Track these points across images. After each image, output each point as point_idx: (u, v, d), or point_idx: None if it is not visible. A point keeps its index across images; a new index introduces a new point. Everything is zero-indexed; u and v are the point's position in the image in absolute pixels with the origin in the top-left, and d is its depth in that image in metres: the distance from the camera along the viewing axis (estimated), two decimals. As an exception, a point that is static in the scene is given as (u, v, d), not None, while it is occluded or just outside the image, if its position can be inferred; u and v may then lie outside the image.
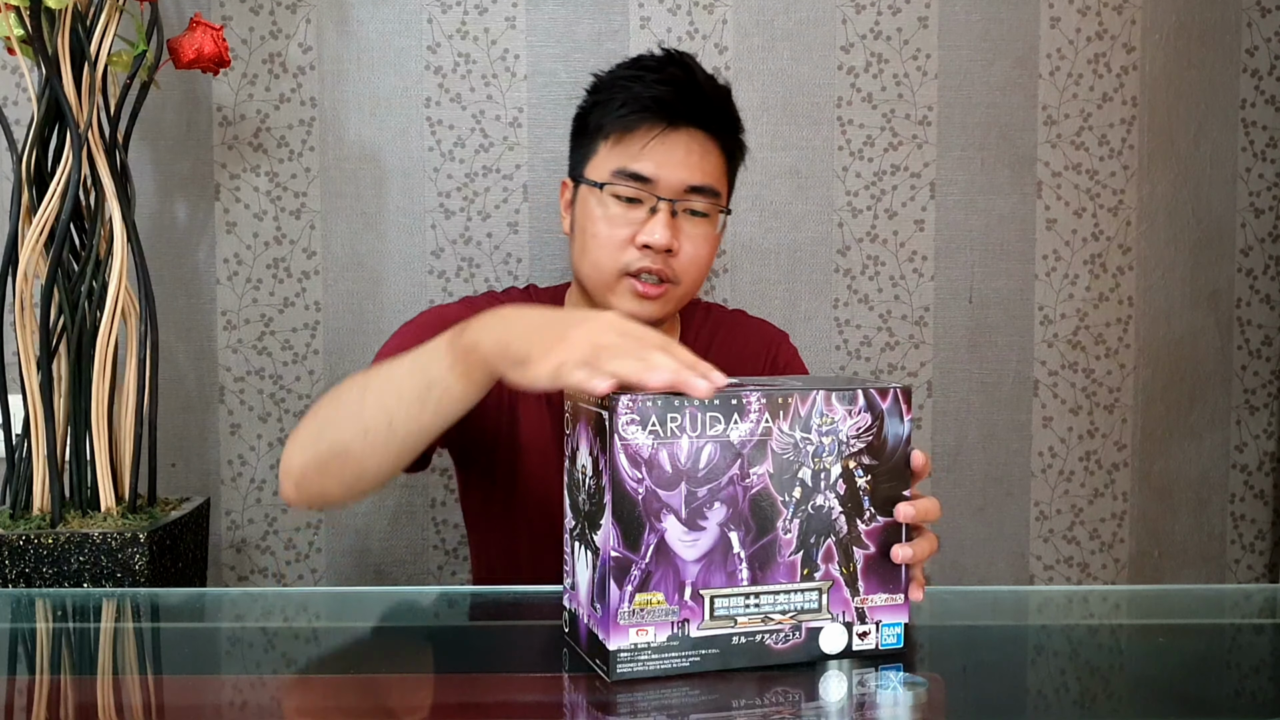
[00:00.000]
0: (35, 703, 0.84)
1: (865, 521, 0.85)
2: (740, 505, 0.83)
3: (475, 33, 1.64)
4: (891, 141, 1.68)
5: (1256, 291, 1.76)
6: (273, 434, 1.66)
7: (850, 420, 0.84)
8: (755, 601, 0.84)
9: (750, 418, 0.83)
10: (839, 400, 0.84)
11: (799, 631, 0.84)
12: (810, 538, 0.84)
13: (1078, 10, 1.68)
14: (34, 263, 1.32)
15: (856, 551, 0.85)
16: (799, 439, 0.83)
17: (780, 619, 0.84)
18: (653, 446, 0.81)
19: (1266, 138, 1.73)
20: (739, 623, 0.83)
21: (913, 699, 0.80)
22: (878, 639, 0.86)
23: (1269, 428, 1.77)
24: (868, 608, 0.85)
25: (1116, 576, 1.75)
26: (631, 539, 0.81)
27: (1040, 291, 1.72)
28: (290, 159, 1.64)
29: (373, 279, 1.65)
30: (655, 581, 0.82)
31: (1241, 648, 1.01)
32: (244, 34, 1.62)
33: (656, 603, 0.82)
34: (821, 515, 0.84)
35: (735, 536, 0.83)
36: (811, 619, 0.85)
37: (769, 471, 0.83)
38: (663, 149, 1.21)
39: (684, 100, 1.22)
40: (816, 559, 0.84)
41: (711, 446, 0.82)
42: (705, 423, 0.82)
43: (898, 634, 0.87)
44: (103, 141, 1.33)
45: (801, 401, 0.83)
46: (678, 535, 0.82)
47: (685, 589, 0.82)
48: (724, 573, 0.83)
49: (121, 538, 1.28)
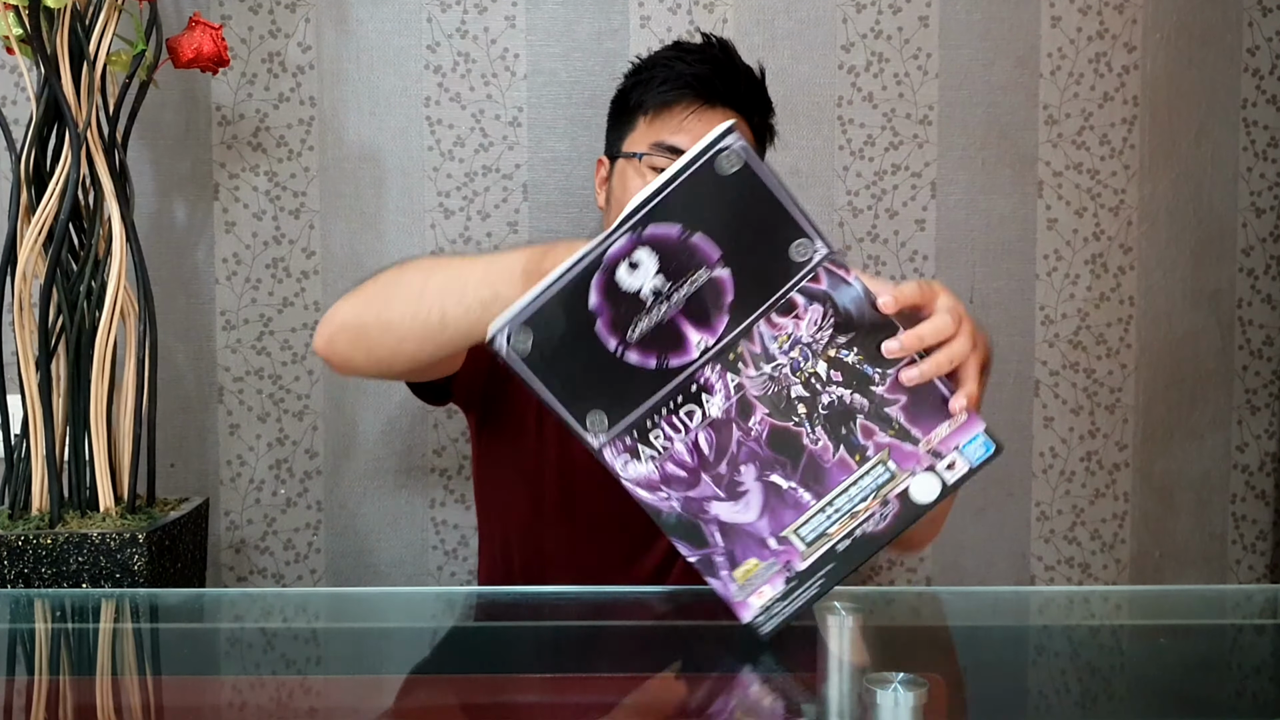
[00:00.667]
0: (35, 703, 0.84)
1: (879, 383, 0.84)
2: (763, 454, 0.84)
3: (475, 32, 1.64)
4: (892, 141, 1.68)
5: (1258, 291, 1.75)
6: (272, 434, 1.66)
7: (804, 321, 0.83)
8: (834, 508, 0.85)
9: (717, 389, 0.83)
10: (780, 315, 0.83)
11: (888, 504, 0.85)
12: (841, 430, 0.84)
13: (1078, 10, 1.68)
14: (33, 262, 1.31)
15: (890, 410, 0.84)
16: (770, 371, 0.83)
17: (865, 506, 0.85)
18: (656, 468, 0.84)
19: (1268, 137, 1.73)
20: (833, 533, 0.85)
21: (913, 699, 0.80)
22: (968, 461, 0.85)
23: (1270, 428, 1.77)
24: (938, 444, 0.84)
25: (1117, 577, 1.75)
26: (696, 540, 0.85)
27: (1041, 291, 1.71)
28: (289, 158, 1.64)
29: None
30: (741, 554, 0.85)
31: (1243, 648, 1.01)
32: (243, 33, 1.62)
33: (754, 568, 0.86)
34: (837, 408, 0.84)
35: (778, 477, 0.85)
36: (893, 487, 0.85)
37: (765, 413, 0.84)
38: (699, 125, 1.27)
39: (722, 80, 1.29)
40: (858, 441, 0.84)
41: (704, 432, 0.84)
42: (683, 420, 0.83)
43: (983, 443, 0.85)
44: (102, 141, 1.33)
45: (750, 341, 0.83)
46: (730, 512, 0.85)
47: (769, 541, 0.85)
48: (789, 508, 0.85)
49: (120, 538, 1.27)
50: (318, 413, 1.66)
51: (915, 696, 0.80)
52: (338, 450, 1.67)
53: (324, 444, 1.67)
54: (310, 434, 1.67)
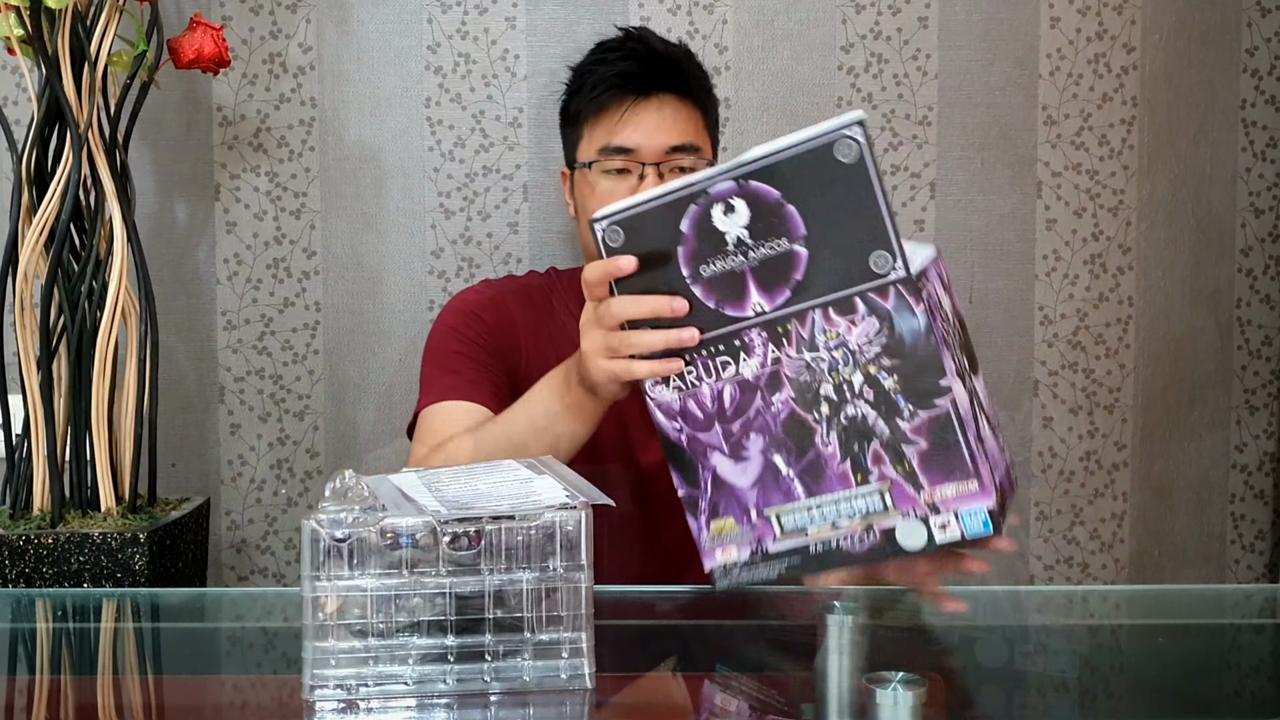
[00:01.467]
0: (35, 703, 0.84)
1: (906, 419, 0.84)
2: (775, 431, 0.87)
3: (475, 33, 1.64)
4: (891, 141, 1.68)
5: (1256, 292, 1.76)
6: (273, 434, 1.66)
7: (857, 329, 0.83)
8: (819, 511, 0.87)
9: (756, 353, 0.86)
10: (837, 312, 0.84)
11: (872, 533, 0.86)
12: (854, 445, 0.85)
13: (1077, 10, 1.68)
14: (34, 263, 1.32)
15: (907, 449, 0.84)
16: (809, 359, 0.85)
17: (849, 524, 0.86)
18: (679, 399, 0.89)
19: (1267, 138, 1.73)
20: (810, 533, 0.87)
21: (913, 699, 0.80)
22: (961, 529, 0.84)
23: (1269, 428, 1.77)
24: (939, 500, 0.84)
25: (1116, 577, 1.75)
26: (690, 478, 0.90)
27: (1040, 291, 1.72)
28: (290, 159, 1.64)
29: (373, 279, 1.65)
30: (723, 509, 0.89)
31: (1241, 648, 1.01)
32: (244, 34, 1.62)
33: (730, 528, 0.89)
34: (857, 423, 0.85)
35: (780, 459, 0.87)
36: (882, 520, 0.85)
37: (790, 396, 0.86)
38: (637, 119, 1.29)
39: (647, 70, 1.31)
40: (866, 463, 0.85)
41: (730, 387, 0.87)
42: (717, 368, 0.87)
43: (982, 520, 0.84)
44: (103, 141, 1.33)
45: (801, 324, 0.84)
46: (727, 469, 0.89)
47: (750, 512, 0.89)
48: (779, 492, 0.88)
49: (121, 538, 1.28)
50: (319, 413, 1.67)
51: (915, 696, 0.81)
52: (338, 450, 1.67)
53: (325, 444, 1.67)
54: (311, 434, 1.67)
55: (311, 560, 0.78)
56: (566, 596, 0.79)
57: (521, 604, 0.79)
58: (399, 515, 0.79)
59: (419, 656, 0.79)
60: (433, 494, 0.84)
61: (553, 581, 0.79)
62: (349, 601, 0.79)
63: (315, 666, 0.79)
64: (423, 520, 0.79)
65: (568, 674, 0.79)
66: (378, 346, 1.66)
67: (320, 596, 0.78)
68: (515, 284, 1.42)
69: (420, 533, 0.79)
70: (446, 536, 0.79)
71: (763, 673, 0.87)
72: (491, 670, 0.79)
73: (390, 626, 0.79)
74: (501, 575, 0.79)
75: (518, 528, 0.79)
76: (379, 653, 0.79)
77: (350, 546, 0.78)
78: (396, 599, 0.79)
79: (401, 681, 0.79)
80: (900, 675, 0.84)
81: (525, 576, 0.79)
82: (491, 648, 0.79)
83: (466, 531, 0.79)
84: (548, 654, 0.79)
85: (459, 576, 0.79)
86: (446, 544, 0.79)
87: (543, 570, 0.79)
